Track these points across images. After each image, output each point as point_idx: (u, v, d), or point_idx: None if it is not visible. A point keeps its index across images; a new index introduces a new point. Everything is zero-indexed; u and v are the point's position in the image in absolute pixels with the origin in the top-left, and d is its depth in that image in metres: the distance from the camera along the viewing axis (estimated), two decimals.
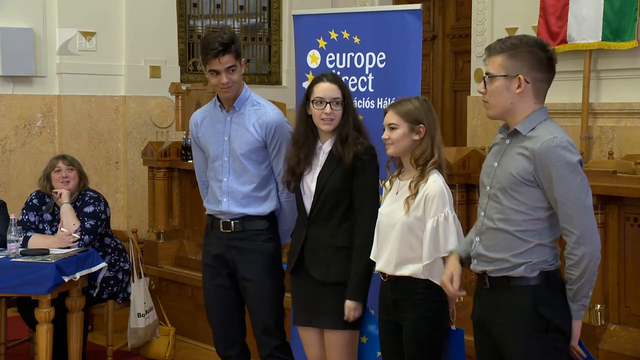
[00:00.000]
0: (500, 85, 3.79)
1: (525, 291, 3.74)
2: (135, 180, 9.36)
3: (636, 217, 5.07)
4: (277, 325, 5.16)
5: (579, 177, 3.67)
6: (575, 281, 3.68)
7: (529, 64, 3.76)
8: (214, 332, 5.32)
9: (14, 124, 9.18)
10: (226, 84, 5.03)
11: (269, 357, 5.17)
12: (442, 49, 10.31)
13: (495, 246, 3.80)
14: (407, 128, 4.31)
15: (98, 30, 9.40)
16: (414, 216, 4.24)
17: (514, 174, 3.72)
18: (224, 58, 5.00)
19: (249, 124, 5.11)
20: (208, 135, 5.22)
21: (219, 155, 5.16)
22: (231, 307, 5.26)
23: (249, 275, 5.12)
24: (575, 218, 3.64)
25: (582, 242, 3.63)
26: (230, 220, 5.12)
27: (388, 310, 4.40)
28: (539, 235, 3.73)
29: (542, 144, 3.67)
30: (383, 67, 5.75)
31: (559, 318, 3.73)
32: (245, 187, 5.11)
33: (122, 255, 7.13)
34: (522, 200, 3.72)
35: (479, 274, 3.89)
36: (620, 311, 5.16)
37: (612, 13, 7.95)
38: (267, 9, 10.53)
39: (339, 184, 4.65)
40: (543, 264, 3.74)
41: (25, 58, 9.09)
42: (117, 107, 9.55)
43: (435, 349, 4.33)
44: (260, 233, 5.14)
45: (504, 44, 3.82)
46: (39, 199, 6.96)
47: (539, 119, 3.78)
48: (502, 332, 3.81)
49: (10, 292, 6.46)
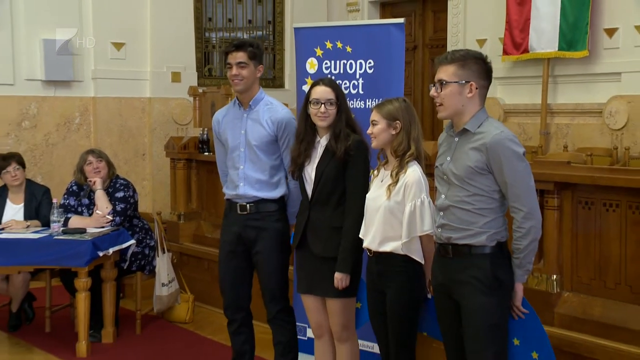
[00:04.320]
0: (453, 90, 3.86)
1: (484, 258, 3.84)
2: (159, 170, 9.35)
3: (587, 200, 5.11)
4: (282, 292, 5.17)
5: (523, 163, 3.77)
6: (522, 250, 3.80)
7: (477, 73, 3.86)
8: (224, 299, 5.32)
9: (56, 121, 9.18)
10: (236, 75, 5.04)
11: (275, 319, 5.18)
12: (422, 57, 10.32)
13: (458, 220, 3.89)
14: (386, 124, 4.35)
15: (127, 41, 9.37)
16: (394, 201, 4.28)
17: (471, 166, 3.81)
18: (237, 54, 5.04)
19: (263, 120, 5.11)
20: (228, 129, 5.22)
21: (237, 146, 5.15)
22: (242, 279, 5.26)
23: (261, 250, 5.13)
24: (522, 197, 3.75)
25: (529, 217, 3.76)
26: (246, 203, 5.12)
27: (374, 281, 4.43)
28: (494, 211, 3.84)
29: (492, 137, 3.76)
30: (371, 72, 5.75)
31: (509, 279, 3.85)
32: (258, 174, 5.11)
33: (148, 233, 7.16)
34: (478, 186, 3.82)
35: (442, 244, 3.97)
36: (572, 280, 5.21)
37: (567, 27, 7.96)
38: (272, 23, 10.52)
39: (333, 173, 4.67)
40: (498, 235, 3.84)
41: (65, 65, 9.06)
42: (144, 107, 9.54)
43: (412, 312, 4.37)
44: (272, 214, 5.14)
45: (454, 56, 3.90)
46: (78, 186, 6.97)
47: (482, 118, 3.88)
48: (463, 292, 3.88)
49: (54, 264, 6.51)
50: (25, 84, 9.01)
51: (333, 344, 4.86)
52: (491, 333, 3.84)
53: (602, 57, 7.94)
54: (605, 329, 4.90)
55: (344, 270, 4.61)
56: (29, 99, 9.05)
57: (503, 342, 3.90)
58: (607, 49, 7.89)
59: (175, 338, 6.95)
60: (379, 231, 4.34)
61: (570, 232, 5.21)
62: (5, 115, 8.93)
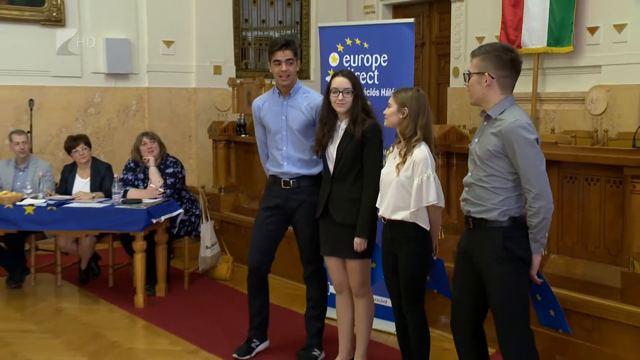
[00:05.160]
0: (474, 80, 3.78)
1: (497, 231, 3.74)
2: (203, 150, 9.35)
3: (571, 175, 5.07)
4: (317, 255, 5.08)
5: (534, 149, 3.63)
6: (535, 227, 3.68)
7: (494, 65, 3.74)
8: (251, 257, 5.20)
9: (116, 108, 9.21)
10: (285, 71, 4.95)
11: (310, 278, 5.15)
12: (428, 52, 10.25)
13: (476, 196, 3.80)
14: (396, 108, 4.30)
15: (176, 39, 9.37)
16: (404, 176, 4.23)
17: (489, 149, 3.71)
18: (286, 51, 4.94)
19: (302, 106, 5.04)
20: (269, 115, 5.14)
21: (279, 130, 5.08)
22: (271, 240, 5.19)
23: (301, 219, 5.08)
24: (532, 180, 3.63)
25: (539, 198, 3.63)
26: (289, 179, 5.07)
27: (387, 244, 4.41)
28: (508, 190, 3.72)
29: (507, 125, 3.65)
30: (385, 65, 5.72)
31: (522, 251, 3.73)
32: (299, 154, 5.05)
33: (194, 204, 7.17)
34: (495, 167, 3.72)
35: (466, 216, 3.89)
36: (558, 244, 5.18)
37: (555, 25, 7.89)
38: (299, 23, 10.46)
39: (352, 153, 4.63)
40: (511, 211, 3.73)
41: (123, 60, 9.09)
42: (190, 96, 9.53)
43: (421, 272, 4.34)
44: (311, 189, 5.07)
45: (480, 50, 3.82)
46: (135, 163, 7.01)
47: (505, 106, 3.75)
48: (480, 261, 3.81)
49: (115, 230, 6.56)
50: (90, 77, 9.05)
51: (352, 299, 4.85)
52: (508, 302, 3.74)
53: (584, 52, 7.87)
54: (586, 286, 4.89)
55: (363, 235, 4.58)
56: (94, 89, 9.08)
57: (523, 310, 3.77)
58: (589, 44, 7.82)
59: (217, 293, 6.98)
60: (392, 202, 4.30)
61: (557, 203, 5.09)
62: (75, 103, 8.99)
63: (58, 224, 6.46)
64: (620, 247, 4.83)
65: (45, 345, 5.51)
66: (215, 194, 8.23)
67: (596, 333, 4.77)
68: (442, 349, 5.22)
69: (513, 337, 3.77)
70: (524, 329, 3.77)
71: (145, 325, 6.00)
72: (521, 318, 3.77)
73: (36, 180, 6.98)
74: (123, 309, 6.40)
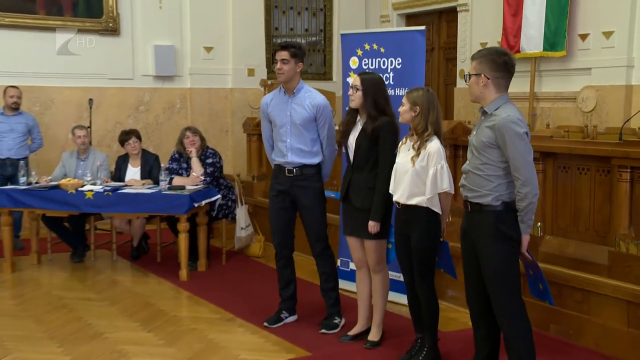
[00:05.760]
0: (472, 80, 3.78)
1: (491, 214, 3.73)
2: (238, 142, 9.35)
3: (565, 166, 5.07)
4: (323, 234, 5.11)
5: (523, 142, 3.63)
6: (522, 210, 3.67)
7: (489, 67, 3.73)
8: (274, 240, 5.23)
9: (162, 106, 9.25)
10: (279, 69, 4.96)
11: (320, 255, 5.14)
12: (437, 56, 10.18)
13: (472, 182, 3.80)
14: (409, 107, 4.29)
15: (215, 46, 9.38)
16: (419, 166, 4.22)
17: (484, 140, 3.71)
18: (281, 52, 4.97)
19: (305, 104, 5.02)
20: (275, 111, 5.12)
21: (284, 124, 5.06)
22: (287, 223, 5.18)
23: (306, 204, 5.08)
24: (521, 169, 3.62)
25: (526, 185, 3.62)
26: (293, 168, 5.06)
27: (401, 227, 4.39)
28: (499, 178, 3.71)
29: (500, 119, 3.64)
30: (400, 68, 5.72)
31: (512, 231, 3.72)
32: (302, 145, 5.03)
33: (230, 190, 7.19)
34: (489, 157, 3.71)
35: (465, 200, 3.89)
36: (552, 226, 5.18)
37: (549, 32, 7.83)
38: (323, 31, 10.43)
39: (366, 146, 4.62)
40: (503, 196, 3.71)
41: (169, 64, 9.13)
42: (227, 95, 9.53)
43: (431, 251, 4.34)
44: (312, 176, 5.08)
45: (477, 54, 3.82)
46: (179, 154, 7.04)
47: (500, 103, 3.74)
48: (476, 240, 3.81)
49: (162, 212, 6.61)
50: (141, 79, 9.11)
51: (370, 274, 4.85)
52: (500, 277, 3.73)
53: (576, 56, 7.80)
54: (577, 263, 4.89)
55: (376, 218, 4.57)
56: (144, 89, 9.14)
57: (513, 283, 3.75)
58: (580, 49, 7.75)
59: (250, 268, 7.01)
60: (407, 189, 4.29)
61: (552, 190, 5.17)
62: (127, 102, 9.05)
63: (113, 207, 6.52)
64: (607, 229, 4.83)
65: (104, 312, 5.58)
66: (249, 182, 8.25)
67: (585, 305, 4.77)
68: (449, 318, 5.26)
69: (505, 306, 3.76)
70: (514, 299, 3.76)
71: (188, 296, 6.04)
72: (512, 290, 3.75)
73: (95, 169, 7.07)
74: (169, 281, 6.45)
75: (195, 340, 4.92)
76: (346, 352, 4.71)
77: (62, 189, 6.60)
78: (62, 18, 8.51)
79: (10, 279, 6.60)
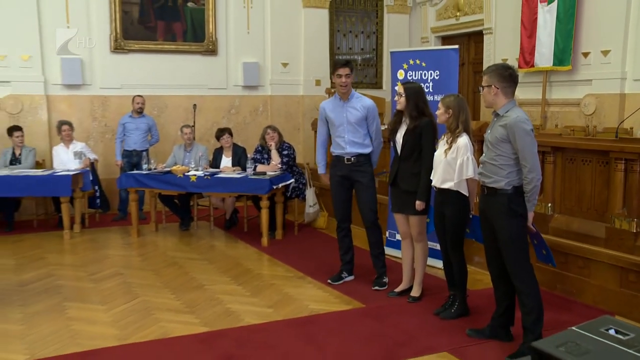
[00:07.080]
0: (485, 91, 3.73)
1: (504, 196, 3.67)
2: (308, 138, 9.32)
3: (571, 158, 4.96)
4: (374, 210, 5.07)
5: (530, 137, 3.56)
6: (528, 192, 3.61)
7: (498, 79, 3.68)
8: (336, 214, 5.20)
9: (249, 110, 9.27)
10: (344, 83, 4.90)
11: (370, 227, 5.08)
12: (467, 70, 9.97)
13: (489, 170, 3.73)
14: (444, 110, 4.23)
15: (290, 62, 9.34)
16: (450, 157, 4.18)
17: (497, 136, 3.64)
18: (346, 68, 4.91)
19: (357, 107, 4.98)
20: (333, 113, 5.06)
21: (342, 123, 5.02)
22: (347, 200, 5.15)
23: (361, 185, 5.04)
24: (527, 159, 3.56)
25: (531, 171, 3.56)
26: (351, 157, 5.03)
27: (437, 206, 4.34)
28: (510, 166, 3.64)
29: (511, 120, 3.59)
30: (437, 79, 5.65)
31: (521, 209, 3.65)
32: (356, 139, 5.00)
33: (301, 176, 7.20)
34: (501, 149, 3.65)
35: (482, 185, 3.82)
36: (561, 206, 5.07)
37: (558, 50, 7.58)
38: (376, 49, 10.29)
39: (411, 141, 4.56)
40: (513, 182, 3.65)
41: (254, 76, 9.12)
42: (299, 101, 9.50)
43: (461, 226, 4.28)
44: (365, 162, 5.04)
45: (488, 69, 3.76)
46: (261, 147, 7.06)
47: (509, 107, 3.68)
48: (492, 216, 3.75)
49: (248, 192, 6.58)
50: (232, 88, 9.12)
51: (412, 243, 4.81)
52: (512, 244, 3.67)
53: (580, 70, 7.54)
54: (581, 236, 4.79)
55: (422, 199, 4.53)
56: (234, 97, 9.17)
57: (523, 249, 3.69)
58: (583, 64, 7.49)
59: (317, 237, 7.01)
60: (441, 175, 4.25)
61: (561, 177, 5.06)
62: (222, 107, 9.10)
63: (211, 188, 6.58)
64: (605, 209, 4.72)
65: (205, 269, 5.67)
66: (316, 169, 8.20)
67: (586, 270, 4.68)
68: (476, 280, 5.18)
69: (517, 268, 3.69)
70: (524, 262, 3.70)
71: (268, 259, 6.07)
72: (522, 255, 3.69)
73: (197, 158, 7.17)
74: (253, 247, 6.50)
75: (274, 293, 4.97)
76: (393, 305, 4.69)
77: (173, 173, 6.72)
78: (175, 43, 8.64)
79: (136, 241, 6.78)
